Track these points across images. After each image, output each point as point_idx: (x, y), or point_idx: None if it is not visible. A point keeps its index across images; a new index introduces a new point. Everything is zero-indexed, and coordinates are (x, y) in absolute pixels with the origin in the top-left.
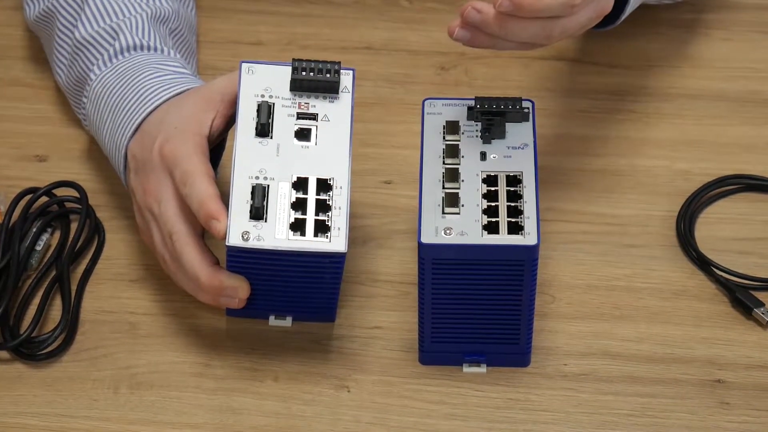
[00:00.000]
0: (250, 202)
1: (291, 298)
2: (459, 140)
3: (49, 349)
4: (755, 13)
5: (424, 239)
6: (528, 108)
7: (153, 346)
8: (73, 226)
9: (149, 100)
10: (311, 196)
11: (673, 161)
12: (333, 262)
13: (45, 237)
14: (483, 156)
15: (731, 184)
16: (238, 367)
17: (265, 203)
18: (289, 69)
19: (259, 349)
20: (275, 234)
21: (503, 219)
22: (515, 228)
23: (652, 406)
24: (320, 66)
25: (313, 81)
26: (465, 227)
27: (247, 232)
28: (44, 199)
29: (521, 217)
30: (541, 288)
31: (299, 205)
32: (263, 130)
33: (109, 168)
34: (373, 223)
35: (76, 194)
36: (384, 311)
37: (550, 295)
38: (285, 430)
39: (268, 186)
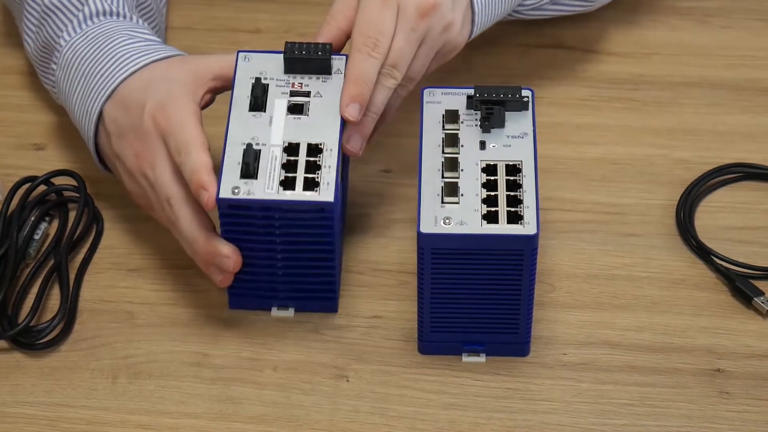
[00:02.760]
0: (241, 163)
1: (290, 275)
2: (458, 129)
3: (48, 338)
4: (755, 1)
5: (423, 229)
6: (527, 97)
7: (151, 335)
8: (72, 215)
9: (124, 65)
10: (302, 158)
11: (672, 150)
12: (324, 218)
13: (43, 226)
14: (482, 145)
15: (731, 173)
16: (237, 357)
17: (256, 165)
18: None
19: (258, 338)
20: (265, 189)
21: (502, 208)
22: (515, 217)
23: (652, 396)
24: (312, 47)
25: (306, 60)
26: (464, 217)
27: (237, 187)
28: (42, 187)
29: (521, 207)
30: (541, 277)
31: (290, 167)
32: (257, 103)
33: None
34: (372, 212)
35: (75, 183)
36: (383, 301)
37: (549, 285)
38: (284, 419)
39: (260, 151)
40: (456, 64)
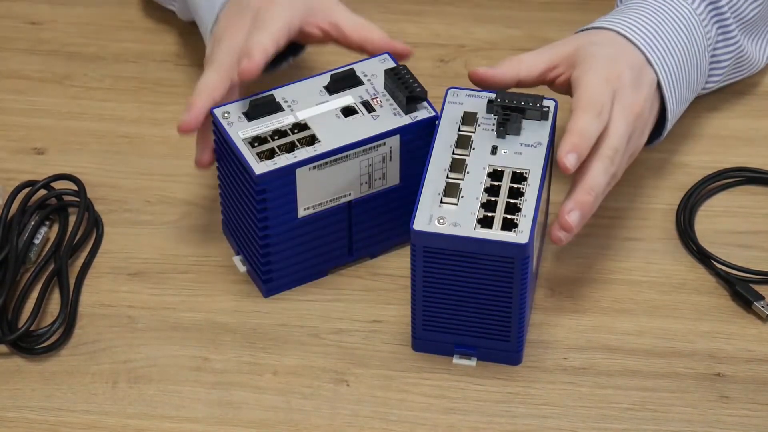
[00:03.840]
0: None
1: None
2: (473, 132)
3: (48, 342)
4: None
5: (416, 226)
6: (548, 107)
7: (151, 340)
8: (72, 219)
9: None
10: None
11: (672, 154)
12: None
13: (43, 230)
14: (494, 150)
15: (731, 177)
16: (237, 361)
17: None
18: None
19: (258, 343)
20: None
21: (499, 215)
22: (509, 225)
23: (652, 400)
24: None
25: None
26: (459, 218)
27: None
28: (42, 192)
29: (518, 215)
30: (541, 281)
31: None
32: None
33: (108, 161)
34: None
35: (75, 187)
36: (383, 305)
37: (549, 289)
38: (284, 424)
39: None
40: (457, 68)
